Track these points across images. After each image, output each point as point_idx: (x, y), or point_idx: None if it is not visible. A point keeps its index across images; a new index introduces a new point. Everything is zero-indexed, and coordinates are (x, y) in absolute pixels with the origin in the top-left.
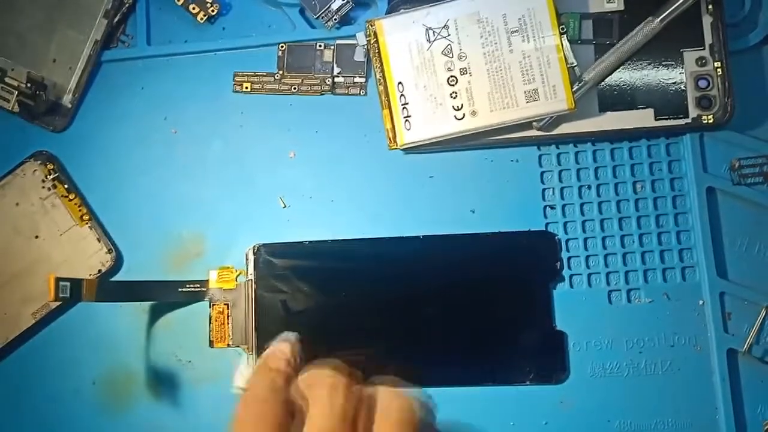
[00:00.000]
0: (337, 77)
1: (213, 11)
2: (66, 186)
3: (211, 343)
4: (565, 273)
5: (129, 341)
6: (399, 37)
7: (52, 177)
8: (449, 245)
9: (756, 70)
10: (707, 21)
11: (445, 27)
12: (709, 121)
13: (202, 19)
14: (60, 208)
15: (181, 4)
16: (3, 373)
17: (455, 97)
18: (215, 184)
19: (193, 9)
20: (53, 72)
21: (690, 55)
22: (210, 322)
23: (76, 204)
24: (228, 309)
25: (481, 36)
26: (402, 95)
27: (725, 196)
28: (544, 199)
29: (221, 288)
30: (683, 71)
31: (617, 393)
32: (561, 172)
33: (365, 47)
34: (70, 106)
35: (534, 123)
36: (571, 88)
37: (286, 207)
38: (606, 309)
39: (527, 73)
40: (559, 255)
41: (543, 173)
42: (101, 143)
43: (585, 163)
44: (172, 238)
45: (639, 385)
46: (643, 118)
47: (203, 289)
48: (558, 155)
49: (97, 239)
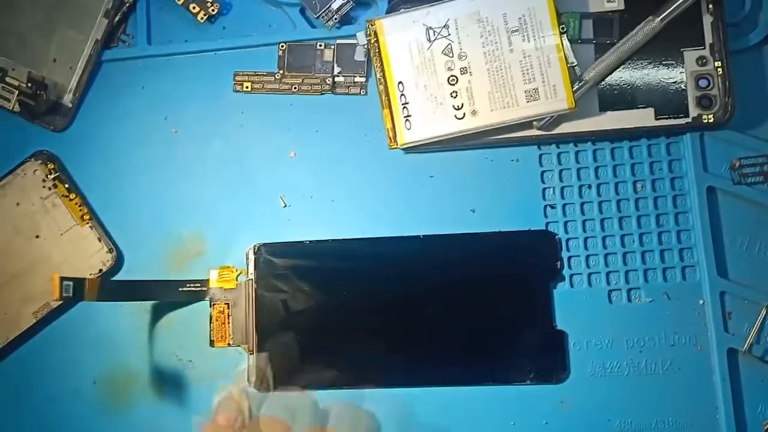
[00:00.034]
0: (338, 77)
1: (213, 11)
2: (66, 185)
3: (212, 343)
4: (566, 272)
5: (130, 341)
6: (399, 37)
7: (52, 177)
8: (449, 245)
9: (756, 69)
10: (707, 20)
11: (446, 26)
12: (710, 121)
13: (202, 19)
14: (60, 207)
15: (182, 3)
16: (3, 373)
17: (455, 97)
18: (216, 183)
19: (194, 8)
20: (54, 72)
21: (690, 55)
22: (210, 321)
23: (76, 203)
24: (228, 308)
25: (482, 35)
26: (402, 95)
27: (725, 195)
28: (544, 199)
29: (222, 287)
30: (683, 71)
31: (617, 392)
32: (561, 171)
33: (365, 47)
34: (70, 105)
35: (534, 122)
36: (572, 87)
37: (286, 206)
38: (606, 308)
39: (527, 73)
40: (560, 254)
41: (543, 173)
42: (102, 143)
43: (585, 163)
44: (172, 237)
45: (639, 385)
46: (644, 117)
47: (204, 289)
48: (558, 155)
49: (98, 239)
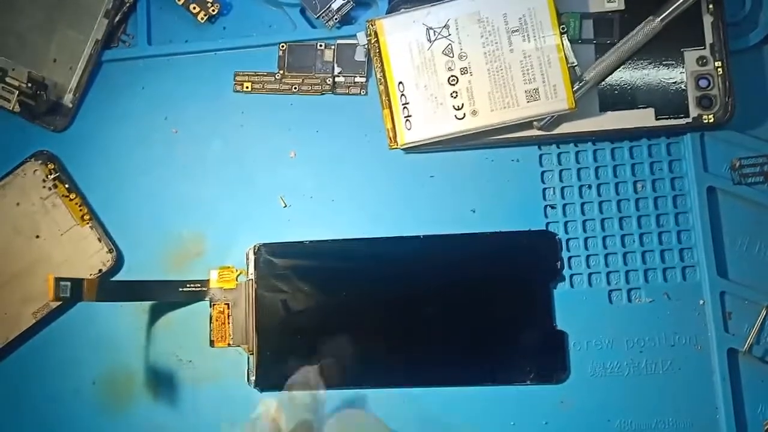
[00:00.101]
0: (338, 77)
1: (213, 11)
2: (67, 186)
3: (212, 343)
4: (566, 272)
5: (129, 341)
6: (399, 37)
7: (52, 177)
8: (449, 245)
9: (756, 69)
10: (708, 20)
11: (446, 27)
12: (710, 121)
13: (202, 19)
14: (60, 207)
15: (182, 3)
16: (3, 373)
17: (456, 97)
18: (216, 183)
19: (194, 9)
20: (54, 72)
21: (690, 55)
22: (210, 321)
23: (76, 204)
24: (228, 309)
25: (482, 35)
26: (402, 95)
27: (726, 195)
28: (544, 199)
29: (222, 288)
30: (684, 71)
31: (617, 393)
32: (561, 171)
33: (366, 47)
34: (70, 105)
35: (534, 122)
36: (572, 87)
37: (286, 207)
38: (606, 309)
39: (528, 73)
40: (560, 254)
41: (543, 173)
42: (102, 143)
43: (585, 163)
44: (172, 237)
45: (639, 385)
46: (644, 117)
47: (204, 289)
48: (558, 155)
49: (98, 239)
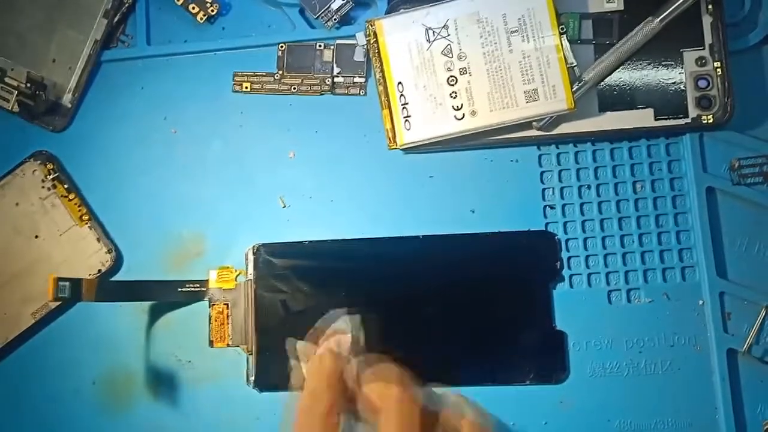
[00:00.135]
0: (337, 77)
1: (213, 11)
2: (66, 186)
3: (211, 343)
4: (565, 273)
5: (129, 341)
6: (399, 37)
7: (51, 177)
8: (449, 245)
9: (756, 70)
10: (707, 21)
11: (445, 27)
12: (709, 121)
13: (201, 19)
14: (60, 208)
15: (181, 3)
16: (3, 373)
17: (455, 97)
18: (215, 184)
19: (193, 9)
20: (53, 72)
21: (690, 55)
22: (210, 322)
23: (75, 204)
24: (228, 309)
25: (481, 36)
26: (402, 95)
27: (725, 196)
28: (543, 199)
29: (221, 288)
30: (683, 71)
31: (617, 393)
32: (561, 171)
33: (365, 47)
34: (69, 105)
35: (534, 123)
36: (571, 88)
37: (286, 207)
38: (606, 309)
39: (527, 73)
40: (559, 255)
41: (543, 173)
42: (101, 143)
43: (585, 163)
44: (172, 237)
45: (639, 385)
46: (643, 118)
47: (203, 289)
48: (558, 155)
49: (97, 239)
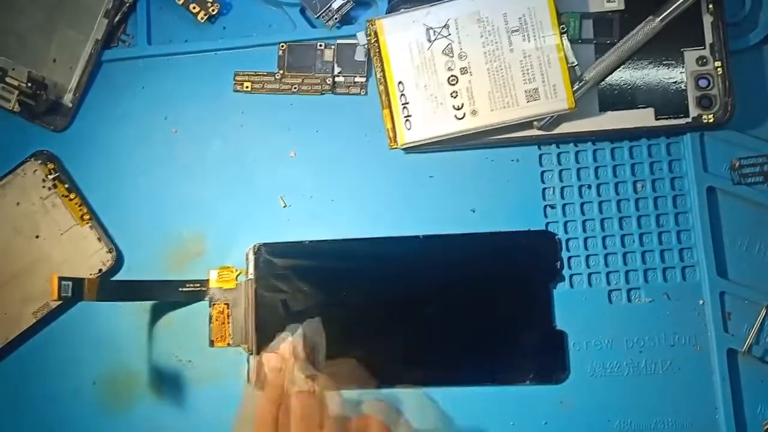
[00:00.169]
0: (338, 77)
1: (213, 11)
2: (66, 185)
3: (212, 343)
4: (566, 272)
5: (129, 341)
6: (399, 37)
7: (52, 176)
8: (449, 245)
9: (756, 69)
10: (708, 20)
11: (446, 26)
12: (710, 121)
13: (202, 19)
14: (60, 207)
15: (182, 3)
16: (3, 373)
17: (455, 97)
18: (216, 183)
19: (194, 8)
20: (54, 72)
21: (690, 55)
22: (210, 321)
23: (76, 203)
24: (228, 308)
25: (482, 35)
26: (402, 95)
27: (725, 195)
28: (544, 199)
29: (221, 287)
30: (684, 70)
31: (617, 393)
32: (561, 171)
33: (366, 47)
34: (70, 105)
35: (534, 122)
36: (572, 87)
37: (286, 206)
38: (606, 309)
39: (528, 73)
40: (560, 254)
41: (543, 173)
42: (102, 143)
43: (585, 163)
44: (172, 237)
45: (639, 385)
46: (644, 117)
47: (203, 289)
48: (558, 155)
49: (98, 239)
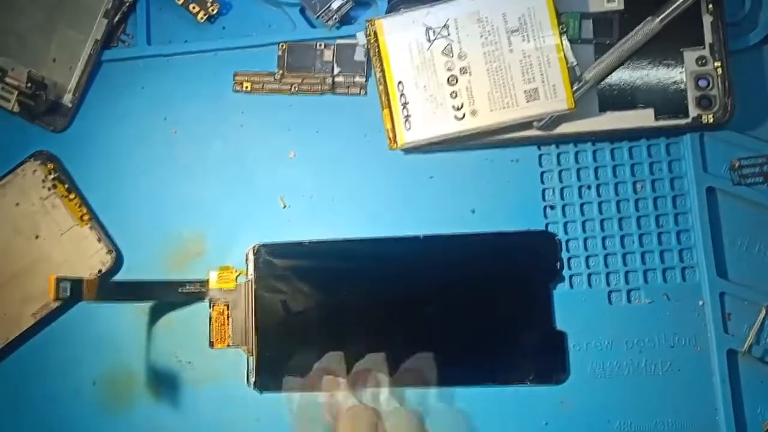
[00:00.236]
0: (338, 77)
1: (213, 11)
2: (66, 186)
3: (212, 344)
4: (565, 273)
5: (129, 341)
6: (399, 37)
7: (52, 177)
8: (449, 245)
9: (756, 69)
10: (707, 20)
11: (445, 26)
12: (710, 121)
13: (202, 19)
14: (60, 207)
15: (182, 3)
16: (3, 373)
17: (455, 97)
18: (215, 183)
19: (194, 8)
20: (53, 72)
21: (690, 55)
22: (210, 322)
23: (76, 204)
24: (228, 309)
25: (481, 35)
26: (402, 95)
27: (725, 196)
28: (544, 199)
29: (221, 288)
30: (683, 71)
31: (617, 393)
32: (561, 171)
33: (365, 47)
34: (70, 105)
35: (534, 123)
36: (571, 87)
37: (286, 207)
38: (606, 309)
39: (527, 73)
40: (559, 255)
41: (543, 173)
42: (101, 143)
43: (585, 163)
44: (172, 237)
45: (639, 386)
46: (643, 117)
47: (203, 290)
48: (558, 155)
49: (98, 239)
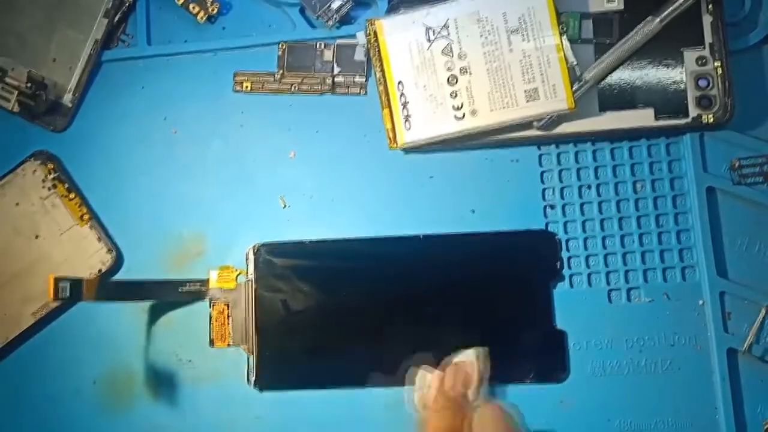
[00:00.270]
0: (337, 77)
1: (213, 11)
2: (66, 185)
3: (212, 343)
4: (565, 272)
5: (129, 341)
6: (399, 37)
7: (52, 176)
8: (449, 245)
9: (756, 69)
10: (707, 20)
11: (445, 26)
12: (710, 121)
13: (202, 19)
14: (60, 207)
15: (182, 3)
16: (3, 373)
17: (455, 97)
18: (215, 183)
19: (194, 8)
20: (53, 71)
21: (690, 55)
22: (210, 321)
23: (76, 203)
24: (228, 309)
25: (481, 35)
26: (402, 95)
27: (725, 195)
28: (544, 199)
29: (221, 288)
30: (683, 71)
31: (617, 392)
32: (561, 171)
33: (365, 47)
34: (70, 105)
35: (534, 122)
36: (571, 87)
37: (286, 207)
38: (606, 308)
39: (527, 73)
40: (559, 254)
41: (543, 173)
42: (101, 143)
43: (585, 163)
44: (172, 237)
45: (639, 385)
46: (643, 117)
47: (203, 289)
48: (558, 155)
49: (98, 239)
